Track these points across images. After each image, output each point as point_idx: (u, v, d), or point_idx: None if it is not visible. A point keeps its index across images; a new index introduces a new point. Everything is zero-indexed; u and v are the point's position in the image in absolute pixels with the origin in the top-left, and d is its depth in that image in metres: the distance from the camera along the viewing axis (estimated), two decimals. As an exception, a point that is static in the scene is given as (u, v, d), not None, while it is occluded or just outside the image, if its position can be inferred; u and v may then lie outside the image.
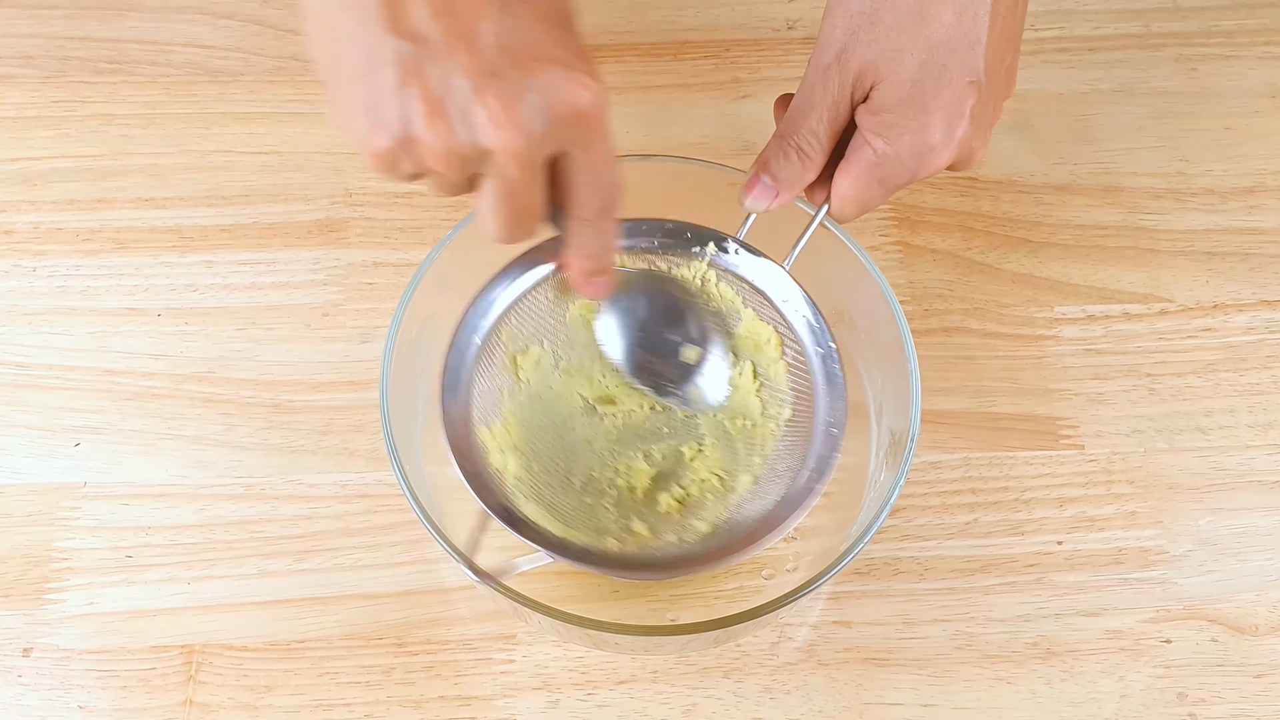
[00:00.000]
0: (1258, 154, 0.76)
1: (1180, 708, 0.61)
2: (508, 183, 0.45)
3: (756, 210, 0.58)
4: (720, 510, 0.58)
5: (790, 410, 0.59)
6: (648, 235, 0.59)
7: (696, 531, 0.57)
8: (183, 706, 0.60)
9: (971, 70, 0.54)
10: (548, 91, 0.43)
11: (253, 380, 0.68)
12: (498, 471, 0.56)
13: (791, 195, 0.58)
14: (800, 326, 0.58)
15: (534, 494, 0.57)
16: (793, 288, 0.59)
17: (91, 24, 0.80)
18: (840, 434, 0.56)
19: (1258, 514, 0.65)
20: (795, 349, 0.59)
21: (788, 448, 0.58)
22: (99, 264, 0.71)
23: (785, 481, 0.57)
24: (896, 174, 0.56)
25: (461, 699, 0.61)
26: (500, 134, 0.43)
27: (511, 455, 0.57)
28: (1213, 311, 0.71)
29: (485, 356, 0.57)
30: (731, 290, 0.60)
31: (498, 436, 0.57)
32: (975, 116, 0.55)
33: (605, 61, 0.79)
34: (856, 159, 0.56)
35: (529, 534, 0.54)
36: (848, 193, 0.57)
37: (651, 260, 0.60)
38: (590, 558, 0.54)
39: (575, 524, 0.57)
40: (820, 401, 0.57)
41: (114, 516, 0.64)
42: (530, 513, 0.55)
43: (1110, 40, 0.81)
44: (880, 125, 0.55)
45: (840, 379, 0.57)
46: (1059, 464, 0.66)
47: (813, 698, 0.61)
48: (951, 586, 0.63)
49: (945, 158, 0.55)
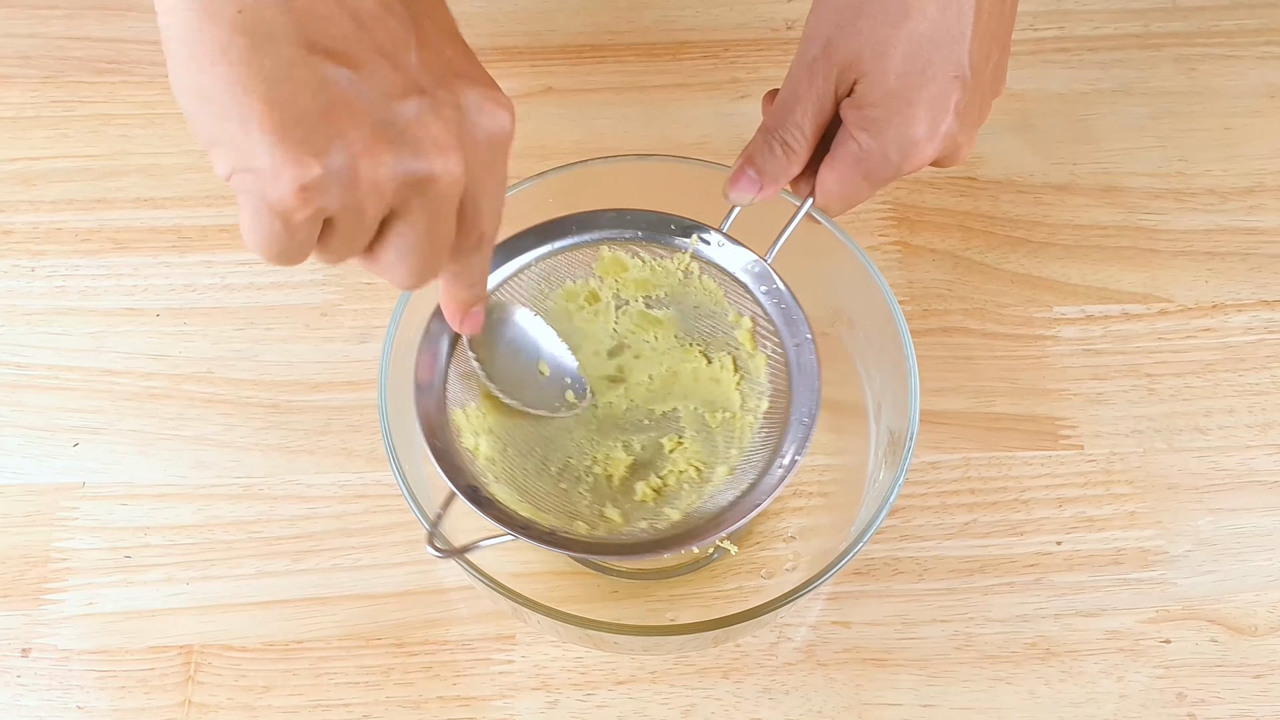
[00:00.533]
0: (1257, 154, 0.76)
1: (1179, 708, 0.61)
2: (433, 215, 0.41)
3: (741, 203, 0.58)
4: (694, 499, 0.58)
5: (768, 402, 0.59)
6: (631, 226, 0.59)
7: (668, 519, 0.57)
8: (181, 707, 0.60)
9: (956, 65, 0.54)
10: (478, 113, 0.41)
11: (252, 380, 0.68)
12: (468, 452, 0.56)
13: (776, 189, 0.58)
14: (779, 319, 0.58)
15: (506, 477, 0.57)
16: (774, 280, 0.59)
17: (91, 24, 0.80)
18: (812, 424, 0.56)
19: (1257, 514, 0.65)
20: (774, 341, 0.59)
21: (764, 439, 0.58)
22: (98, 264, 0.71)
23: (758, 471, 0.57)
24: (881, 169, 0.56)
25: (460, 699, 0.61)
26: (445, 159, 0.40)
27: (485, 437, 0.57)
28: (1212, 311, 0.71)
29: (464, 340, 0.57)
30: (714, 282, 0.60)
31: (472, 419, 0.57)
32: (960, 112, 0.55)
33: (605, 61, 0.79)
34: (841, 153, 0.56)
35: (494, 514, 0.53)
36: (832, 188, 0.57)
37: (635, 251, 0.60)
38: (555, 540, 0.54)
39: (547, 508, 0.57)
40: (796, 392, 0.57)
41: (113, 517, 0.64)
42: (500, 495, 0.55)
43: (1110, 40, 0.81)
44: (864, 119, 0.55)
45: (814, 368, 0.57)
46: (1058, 464, 0.66)
47: (812, 698, 0.61)
48: (950, 587, 0.63)
49: (930, 152, 0.55)
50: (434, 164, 0.40)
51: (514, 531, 0.53)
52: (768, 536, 0.65)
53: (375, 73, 0.39)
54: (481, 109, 0.41)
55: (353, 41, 0.38)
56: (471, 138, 0.41)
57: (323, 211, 0.39)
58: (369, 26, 0.39)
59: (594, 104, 0.78)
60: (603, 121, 0.77)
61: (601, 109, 0.78)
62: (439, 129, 0.40)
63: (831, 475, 0.64)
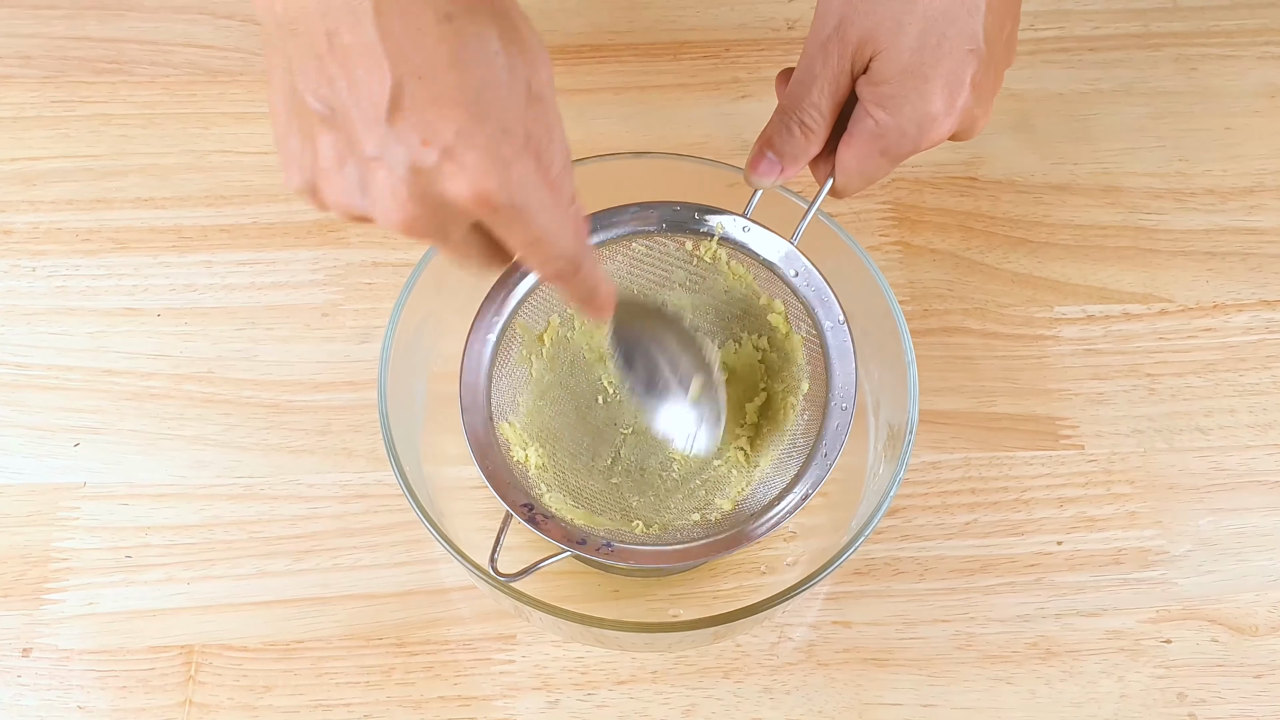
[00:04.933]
0: (1257, 154, 0.76)
1: (1180, 708, 0.60)
2: (419, 238, 0.44)
3: (763, 186, 0.58)
4: (742, 486, 0.58)
5: (808, 384, 0.59)
6: (657, 218, 0.60)
7: (720, 509, 0.57)
8: (182, 707, 0.60)
9: (971, 38, 0.54)
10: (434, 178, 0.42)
11: (252, 380, 0.68)
12: (519, 465, 0.56)
13: (796, 169, 0.58)
14: (813, 299, 0.59)
15: (558, 483, 0.57)
16: (802, 262, 0.59)
17: (91, 24, 0.80)
18: (852, 408, 0.57)
19: (1258, 514, 0.65)
20: (809, 323, 0.59)
21: (805, 424, 0.58)
22: (98, 264, 0.71)
23: (801, 457, 0.57)
24: (899, 144, 0.56)
25: (461, 699, 0.61)
26: (381, 208, 0.43)
27: (533, 447, 0.57)
28: (1212, 311, 0.71)
29: (501, 352, 0.58)
30: (743, 267, 0.60)
31: (519, 430, 0.58)
32: (976, 85, 0.55)
33: (605, 61, 0.79)
34: (858, 130, 0.56)
35: (549, 531, 0.54)
36: (851, 165, 0.57)
37: (662, 242, 0.60)
38: (614, 553, 0.54)
39: (601, 508, 0.57)
40: (835, 374, 0.58)
41: (113, 517, 0.64)
42: (554, 504, 0.55)
43: (1110, 40, 0.81)
44: (881, 96, 0.55)
45: (851, 349, 0.58)
46: (1059, 464, 0.66)
47: (812, 698, 0.61)
48: (951, 587, 0.63)
49: (947, 127, 0.55)
50: (370, 209, 0.43)
51: (571, 548, 0.53)
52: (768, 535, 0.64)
53: (346, 124, 0.42)
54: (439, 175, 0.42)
55: (332, 94, 0.42)
56: (424, 195, 0.43)
57: (319, 207, 0.45)
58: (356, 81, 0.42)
59: (594, 104, 0.78)
60: (603, 122, 0.77)
61: (601, 109, 0.78)
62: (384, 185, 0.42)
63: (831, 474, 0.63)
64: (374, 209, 0.43)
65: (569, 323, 0.62)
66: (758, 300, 0.61)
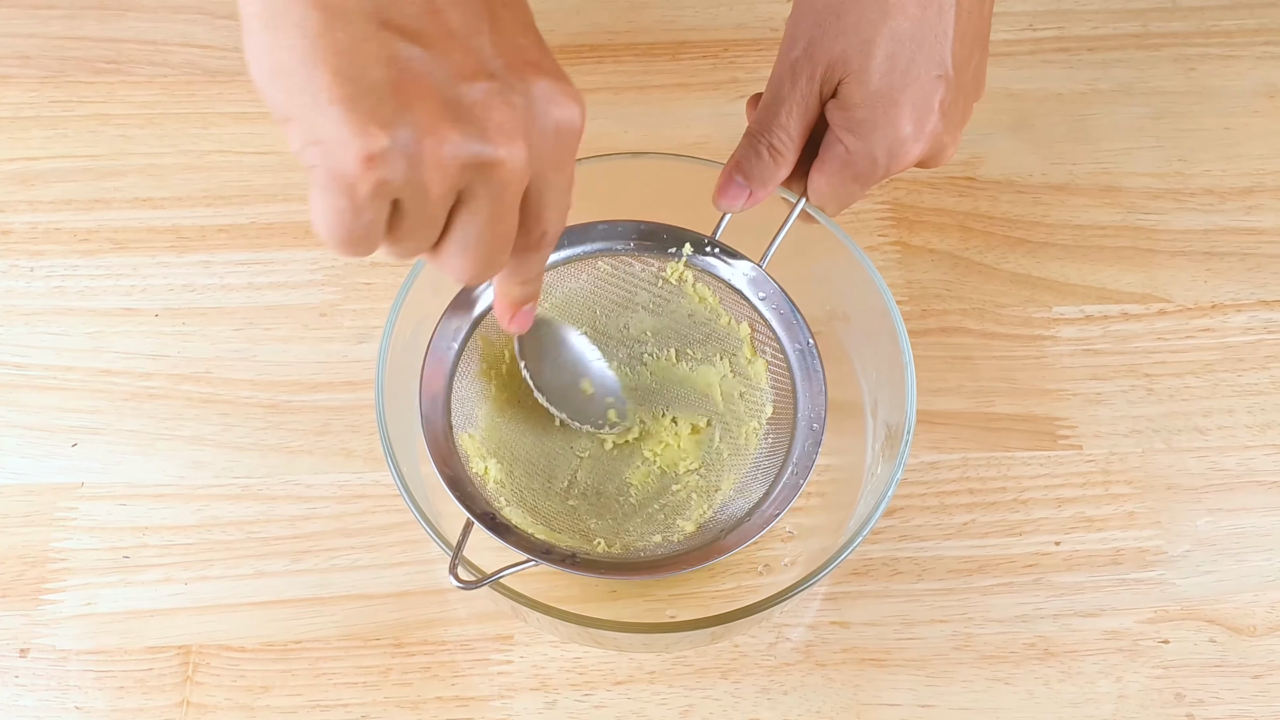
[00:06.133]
0: (1256, 154, 0.76)
1: (1178, 708, 0.60)
2: (496, 205, 0.41)
3: (731, 210, 0.58)
4: (704, 509, 0.58)
5: (771, 408, 0.59)
6: (623, 237, 0.59)
7: (682, 531, 0.57)
8: (179, 707, 0.60)
9: (939, 64, 0.54)
10: (547, 103, 0.41)
11: (250, 380, 0.68)
12: (479, 477, 0.56)
13: (765, 194, 0.58)
14: (778, 324, 0.59)
15: (516, 499, 0.57)
16: (770, 285, 0.59)
17: (90, 24, 0.80)
18: (822, 429, 0.56)
19: (1256, 514, 0.65)
20: (774, 346, 0.59)
21: (771, 446, 0.58)
22: (96, 264, 0.71)
23: (768, 479, 0.57)
24: (869, 171, 0.56)
25: (459, 699, 0.60)
26: (510, 145, 0.40)
27: (492, 461, 0.57)
28: (1211, 312, 0.71)
29: (463, 363, 0.57)
30: (709, 290, 0.60)
31: (478, 443, 0.57)
32: (945, 111, 0.55)
33: (604, 61, 0.79)
34: (829, 157, 0.56)
35: (513, 540, 0.53)
36: (824, 190, 0.57)
37: (628, 262, 0.60)
38: (577, 563, 0.54)
39: (560, 528, 0.57)
40: (801, 397, 0.57)
41: (111, 517, 0.64)
42: (514, 518, 0.55)
43: (1109, 40, 0.81)
44: (850, 121, 0.55)
45: (820, 374, 0.57)
46: (1057, 464, 0.66)
47: (810, 698, 0.61)
48: (949, 587, 0.63)
49: (916, 152, 0.55)
50: (498, 149, 0.39)
51: (535, 557, 0.53)
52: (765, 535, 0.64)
53: (447, 53, 0.39)
54: (551, 99, 0.41)
55: (426, 21, 0.39)
56: (539, 127, 0.41)
57: (386, 186, 0.38)
58: (443, 8, 0.39)
59: (593, 104, 0.77)
60: (602, 122, 0.77)
61: (601, 109, 0.77)
62: (506, 115, 0.39)
63: (829, 474, 0.63)
64: (489, 144, 0.39)
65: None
66: (720, 322, 0.60)
